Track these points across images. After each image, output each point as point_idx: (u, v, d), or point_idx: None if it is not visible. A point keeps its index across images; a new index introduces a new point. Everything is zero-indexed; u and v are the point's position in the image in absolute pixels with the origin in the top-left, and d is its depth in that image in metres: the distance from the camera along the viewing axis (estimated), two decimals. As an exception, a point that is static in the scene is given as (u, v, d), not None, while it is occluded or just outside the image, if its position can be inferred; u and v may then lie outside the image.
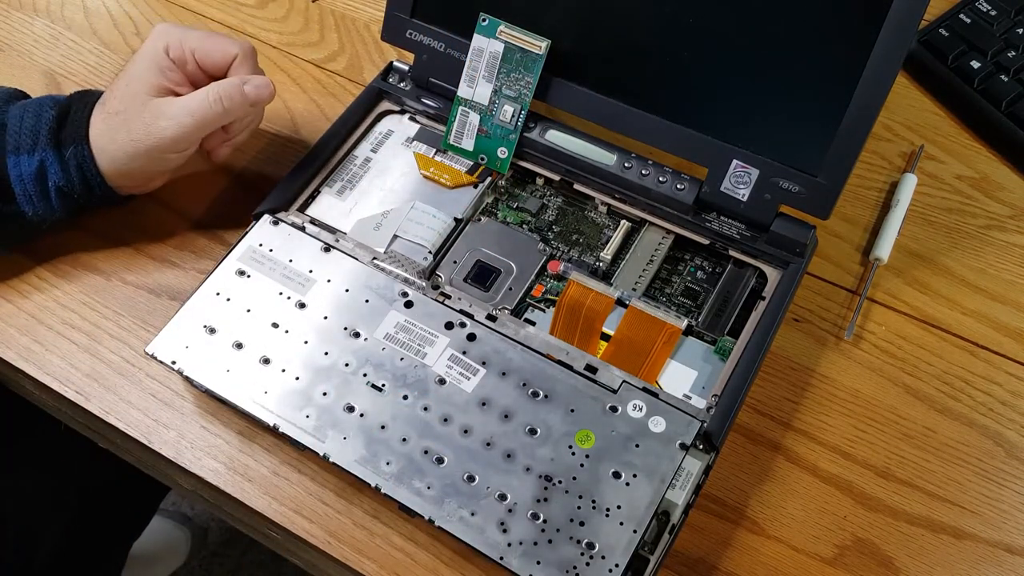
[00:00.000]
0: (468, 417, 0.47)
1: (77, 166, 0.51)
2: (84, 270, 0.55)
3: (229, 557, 1.12)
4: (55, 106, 0.52)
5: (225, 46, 0.53)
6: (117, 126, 0.51)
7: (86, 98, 0.53)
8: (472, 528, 0.44)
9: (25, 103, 0.53)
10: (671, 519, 0.45)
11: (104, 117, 0.52)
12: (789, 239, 0.51)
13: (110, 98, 0.52)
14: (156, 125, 0.50)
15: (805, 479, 0.50)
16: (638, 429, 0.46)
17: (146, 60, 0.52)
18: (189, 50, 0.52)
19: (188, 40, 0.52)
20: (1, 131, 0.51)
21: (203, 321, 0.50)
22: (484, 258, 0.54)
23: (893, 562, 0.47)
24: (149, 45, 0.52)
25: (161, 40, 0.52)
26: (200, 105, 0.51)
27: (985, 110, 0.62)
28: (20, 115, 0.51)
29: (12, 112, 0.52)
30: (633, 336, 0.50)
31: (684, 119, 0.52)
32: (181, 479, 0.52)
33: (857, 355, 0.54)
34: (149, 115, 0.51)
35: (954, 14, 0.65)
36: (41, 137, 0.51)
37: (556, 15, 0.53)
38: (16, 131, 0.51)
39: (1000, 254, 0.58)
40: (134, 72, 0.52)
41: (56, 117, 0.51)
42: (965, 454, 0.50)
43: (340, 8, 0.70)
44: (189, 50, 0.52)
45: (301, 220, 0.53)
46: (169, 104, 0.51)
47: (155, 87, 0.51)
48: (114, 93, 0.52)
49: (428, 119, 0.59)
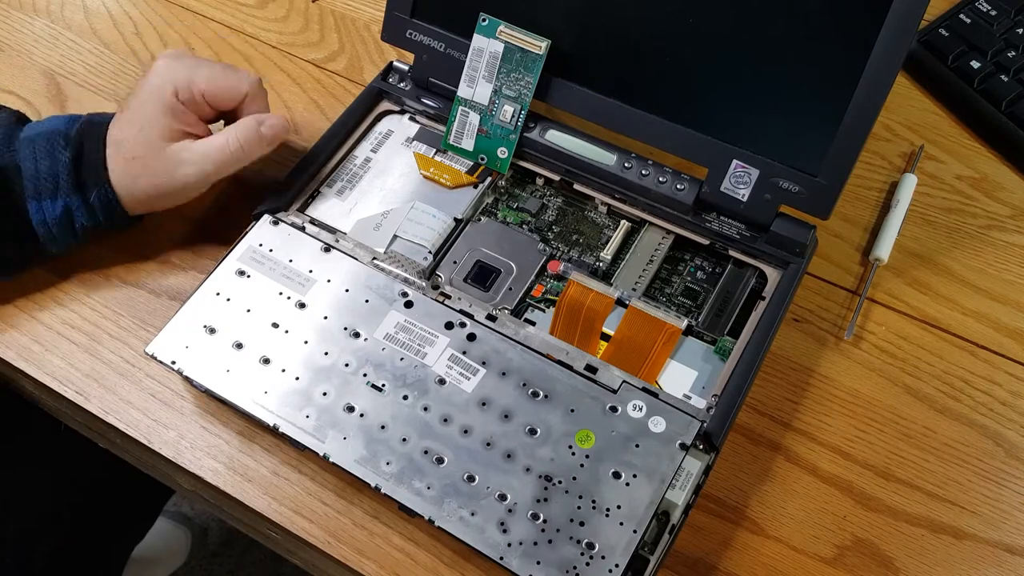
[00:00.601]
0: (468, 417, 0.47)
1: (102, 207, 0.52)
2: (84, 270, 0.55)
3: (229, 557, 1.12)
4: (67, 145, 0.51)
5: (235, 84, 0.53)
6: (138, 171, 0.51)
7: (94, 131, 0.52)
8: (472, 528, 0.44)
9: (33, 140, 0.51)
10: (671, 519, 0.45)
11: (122, 162, 0.51)
12: (789, 239, 0.51)
13: (124, 140, 0.51)
14: (179, 172, 0.52)
15: (805, 479, 0.50)
16: (638, 429, 0.46)
17: (156, 104, 0.51)
18: (199, 92, 0.52)
19: (197, 81, 0.52)
20: (15, 173, 0.51)
21: (203, 321, 0.50)
22: (484, 258, 0.54)
23: (893, 562, 0.47)
24: (156, 86, 0.52)
25: (168, 83, 0.52)
26: (220, 152, 0.52)
27: (985, 110, 0.62)
28: (33, 156, 0.51)
29: (23, 153, 0.51)
30: (633, 336, 0.50)
31: (684, 119, 0.52)
32: (181, 479, 0.52)
33: (857, 355, 0.54)
34: (170, 162, 0.51)
35: (954, 14, 0.65)
36: (62, 182, 0.51)
37: (556, 15, 0.53)
38: (33, 176, 0.50)
39: (1000, 254, 0.58)
40: (145, 116, 0.51)
41: (72, 159, 0.51)
42: (965, 454, 0.50)
43: (340, 8, 0.70)
44: (199, 92, 0.52)
45: (301, 220, 0.53)
46: (189, 151, 0.52)
47: (170, 131, 0.52)
48: (126, 134, 0.51)
49: (428, 119, 0.59)
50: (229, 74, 0.53)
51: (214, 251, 0.56)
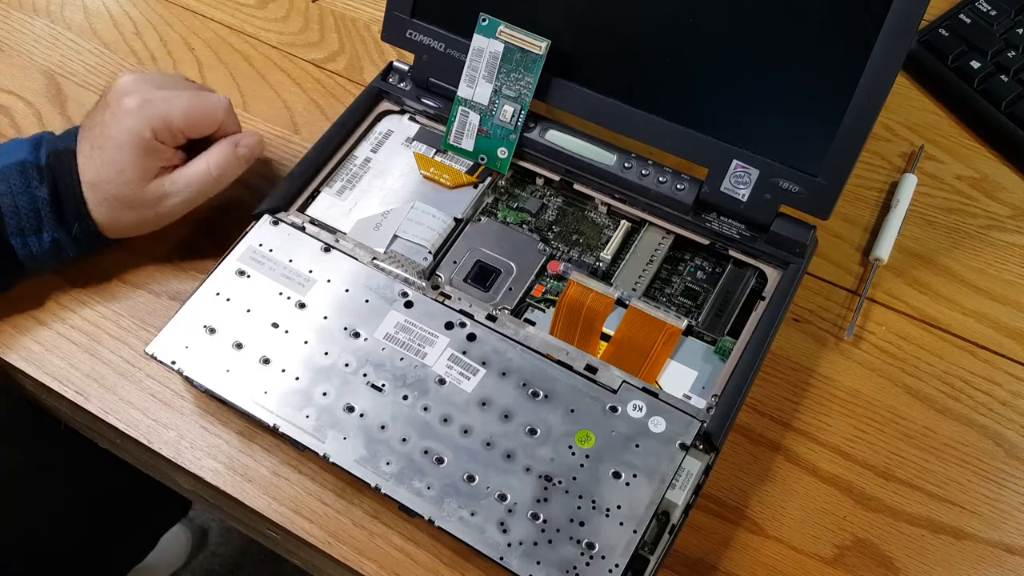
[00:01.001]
0: (468, 417, 0.47)
1: (87, 239, 0.52)
2: (84, 270, 0.55)
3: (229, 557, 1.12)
4: (42, 180, 0.50)
5: (210, 113, 0.53)
6: (120, 208, 0.52)
7: (64, 166, 0.51)
8: (472, 528, 0.44)
9: (5, 174, 0.50)
10: (671, 519, 0.45)
11: (103, 201, 0.51)
12: (789, 239, 0.51)
13: (101, 182, 0.51)
14: (163, 204, 0.53)
15: (805, 479, 0.50)
16: (638, 429, 0.46)
17: (135, 148, 0.51)
18: (178, 130, 0.52)
19: (173, 119, 0.51)
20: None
21: (203, 321, 0.50)
22: (484, 258, 0.54)
23: (893, 562, 0.47)
24: (133, 130, 0.50)
25: (145, 126, 0.50)
26: (202, 179, 0.53)
27: (985, 110, 0.62)
28: (10, 192, 0.50)
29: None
30: (633, 336, 0.50)
31: (684, 119, 0.52)
32: (181, 479, 0.52)
33: (857, 355, 0.54)
34: (153, 197, 0.52)
35: (954, 14, 0.65)
36: (44, 217, 0.51)
37: (556, 15, 0.53)
38: (14, 212, 0.50)
39: (1000, 254, 0.58)
40: (124, 159, 0.51)
41: (50, 194, 0.50)
42: (965, 454, 0.50)
43: (340, 8, 0.70)
44: (178, 130, 0.52)
45: (301, 220, 0.53)
46: (171, 182, 0.52)
47: (151, 171, 0.52)
48: (103, 175, 0.51)
49: (428, 119, 0.59)
50: (203, 102, 0.53)
51: (214, 251, 0.56)
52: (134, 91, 0.52)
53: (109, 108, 0.52)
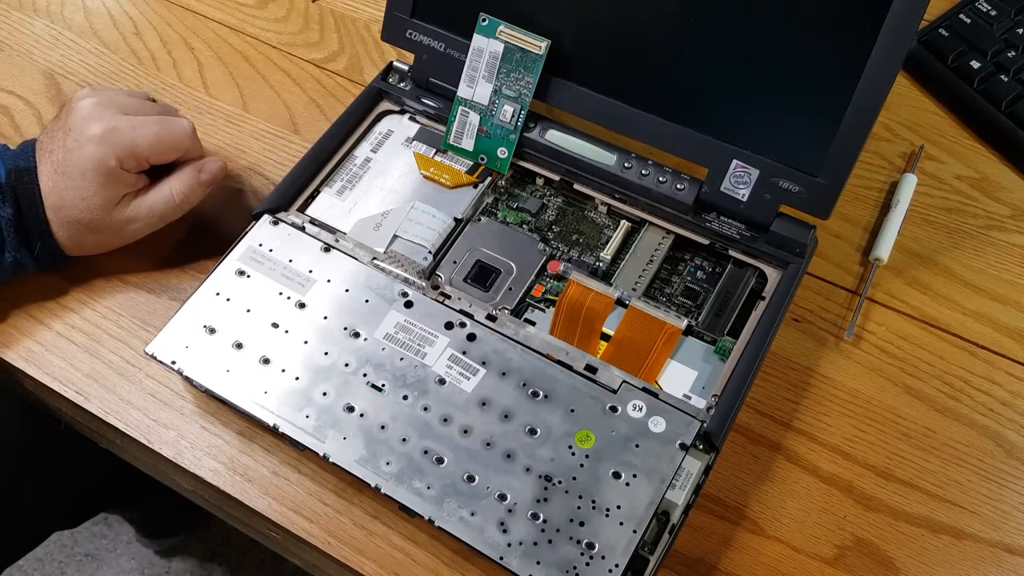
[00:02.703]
0: (468, 417, 0.47)
1: (49, 259, 0.53)
2: (84, 270, 0.55)
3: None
4: (3, 200, 0.50)
5: (176, 141, 0.53)
6: (83, 232, 0.52)
7: (27, 187, 0.51)
8: (472, 528, 0.44)
9: None
10: (671, 519, 0.45)
11: (66, 224, 0.51)
12: (789, 239, 0.51)
13: (65, 207, 0.51)
14: (127, 229, 0.53)
15: (805, 479, 0.50)
16: (638, 429, 0.46)
17: (99, 176, 0.50)
18: (143, 158, 0.52)
19: (139, 149, 0.51)
20: None
21: (203, 321, 0.50)
22: (484, 258, 0.54)
23: (893, 562, 0.47)
24: (98, 159, 0.50)
25: (111, 156, 0.50)
26: (165, 205, 0.53)
27: (985, 110, 0.62)
28: None
29: None
30: (633, 336, 0.50)
31: (684, 119, 0.52)
32: (181, 479, 0.52)
33: (857, 355, 0.54)
34: (116, 223, 0.52)
35: (954, 14, 0.65)
36: (7, 237, 0.50)
37: (556, 15, 0.53)
38: None
39: (1000, 254, 0.58)
40: (88, 186, 0.50)
41: (13, 214, 0.50)
42: (965, 454, 0.50)
43: (340, 8, 0.70)
44: (143, 158, 0.52)
45: (301, 220, 0.53)
46: (134, 208, 0.52)
47: (114, 198, 0.52)
48: (66, 200, 0.50)
49: (428, 119, 0.59)
50: (169, 130, 0.53)
51: (214, 251, 0.56)
52: (97, 117, 0.51)
53: (72, 133, 0.51)
